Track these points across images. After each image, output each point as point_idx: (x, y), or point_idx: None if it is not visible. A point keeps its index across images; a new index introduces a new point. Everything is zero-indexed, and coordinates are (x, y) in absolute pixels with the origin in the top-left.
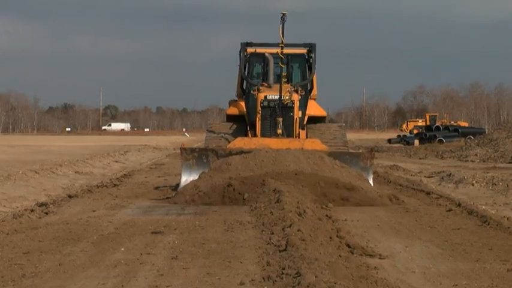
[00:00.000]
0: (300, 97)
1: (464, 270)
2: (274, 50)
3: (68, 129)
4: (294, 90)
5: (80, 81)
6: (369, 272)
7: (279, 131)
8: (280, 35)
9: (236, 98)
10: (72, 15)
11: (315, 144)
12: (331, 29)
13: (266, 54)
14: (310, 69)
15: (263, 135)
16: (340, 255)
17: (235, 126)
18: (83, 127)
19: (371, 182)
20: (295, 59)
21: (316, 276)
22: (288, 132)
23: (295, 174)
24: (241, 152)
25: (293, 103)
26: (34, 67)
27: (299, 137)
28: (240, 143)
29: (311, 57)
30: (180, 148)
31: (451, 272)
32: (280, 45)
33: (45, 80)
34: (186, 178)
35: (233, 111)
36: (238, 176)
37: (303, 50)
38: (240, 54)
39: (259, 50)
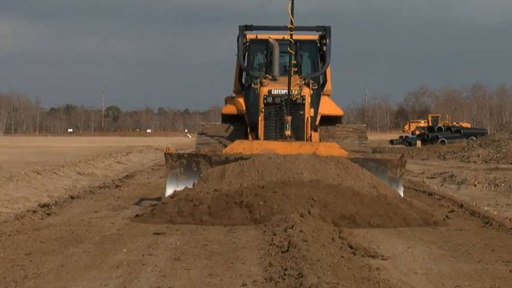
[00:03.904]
0: (311, 92)
1: (467, 271)
2: (279, 36)
3: (70, 130)
4: (304, 84)
5: (82, 82)
6: (371, 273)
7: (287, 133)
8: (289, 13)
9: (234, 95)
10: (74, 16)
11: (331, 148)
12: (333, 29)
13: (270, 40)
14: (323, 59)
15: (267, 137)
16: (342, 256)
17: (232, 127)
18: (85, 128)
19: (402, 195)
20: (305, 46)
21: (318, 277)
22: (298, 134)
23: (312, 185)
24: (240, 158)
25: (303, 99)
26: (36, 68)
27: (311, 140)
28: (238, 147)
29: (324, 44)
30: (165, 154)
31: (453, 273)
32: (290, 26)
33: (47, 80)
34: (173, 190)
35: (230, 109)
36: (212, 191)
37: (314, 36)
38: (238, 41)
39: (262, 36)
